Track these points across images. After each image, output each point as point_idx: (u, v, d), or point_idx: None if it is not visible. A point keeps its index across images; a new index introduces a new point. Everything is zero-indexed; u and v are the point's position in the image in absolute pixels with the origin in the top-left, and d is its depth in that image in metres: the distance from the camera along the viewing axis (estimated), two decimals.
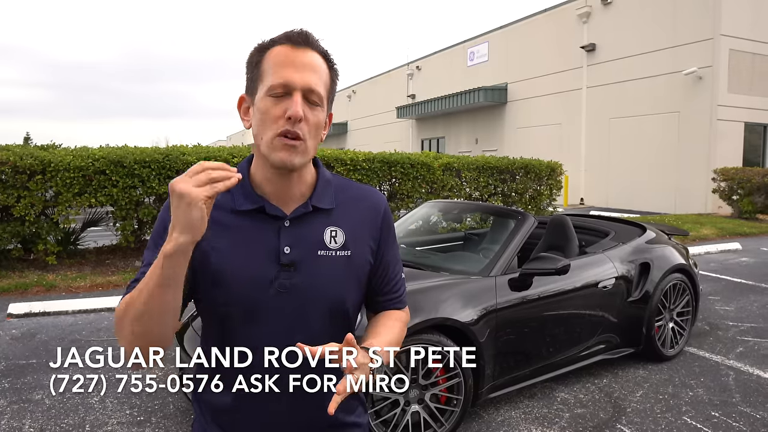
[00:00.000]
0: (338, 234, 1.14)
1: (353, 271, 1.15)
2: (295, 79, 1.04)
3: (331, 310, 1.13)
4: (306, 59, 1.06)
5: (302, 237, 1.11)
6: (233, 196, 1.11)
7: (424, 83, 29.93)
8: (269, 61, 1.06)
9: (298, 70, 1.05)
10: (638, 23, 17.71)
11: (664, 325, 4.28)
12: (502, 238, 3.76)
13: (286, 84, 1.04)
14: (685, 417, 3.34)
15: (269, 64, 1.06)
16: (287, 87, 1.04)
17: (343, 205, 1.18)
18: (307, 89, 1.05)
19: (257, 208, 1.11)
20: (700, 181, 15.85)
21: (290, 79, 1.04)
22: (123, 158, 6.80)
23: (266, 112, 1.05)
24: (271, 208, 1.11)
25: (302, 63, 1.05)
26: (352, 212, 1.18)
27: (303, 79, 1.04)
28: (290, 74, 1.04)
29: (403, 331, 1.25)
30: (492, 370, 3.19)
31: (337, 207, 1.16)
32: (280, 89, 1.04)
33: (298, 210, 1.12)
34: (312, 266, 1.11)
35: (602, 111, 19.07)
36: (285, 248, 1.09)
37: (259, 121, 1.07)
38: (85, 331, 4.77)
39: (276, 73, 1.05)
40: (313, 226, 1.13)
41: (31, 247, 6.82)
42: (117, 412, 3.26)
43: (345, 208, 1.18)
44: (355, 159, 8.39)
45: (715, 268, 8.07)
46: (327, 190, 1.17)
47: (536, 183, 10.84)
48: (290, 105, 1.03)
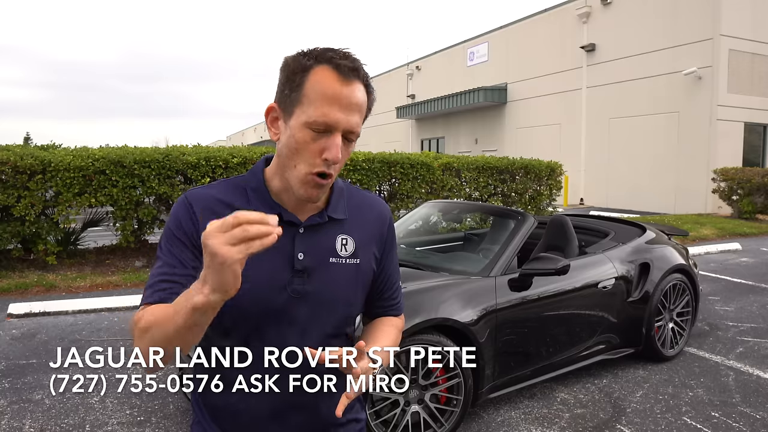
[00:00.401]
0: (348, 242, 1.15)
1: (361, 279, 1.17)
2: (339, 120, 1.01)
3: (341, 316, 1.15)
4: (353, 98, 1.02)
5: (315, 244, 1.12)
6: (249, 199, 1.11)
7: (424, 83, 29.93)
8: (314, 87, 1.01)
9: (343, 109, 1.01)
10: (638, 23, 17.72)
11: (664, 325, 4.28)
12: (501, 238, 3.76)
13: (330, 124, 1.01)
14: (685, 417, 3.34)
15: (314, 92, 1.01)
16: (330, 127, 1.01)
17: (352, 213, 1.19)
18: (349, 131, 1.03)
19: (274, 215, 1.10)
20: (700, 182, 15.85)
21: (335, 119, 1.01)
22: (123, 158, 6.80)
23: (304, 144, 1.02)
24: (287, 215, 1.10)
25: (348, 102, 1.01)
26: (361, 221, 1.19)
27: (348, 121, 1.02)
28: (335, 114, 1.01)
29: (398, 337, 1.28)
30: (492, 370, 3.19)
31: (348, 216, 1.18)
32: (323, 127, 1.01)
33: (314, 219, 1.13)
34: (324, 273, 1.12)
35: (602, 111, 19.07)
36: (299, 254, 1.10)
37: (293, 150, 1.04)
38: (85, 331, 4.77)
39: (320, 108, 1.00)
40: (326, 233, 1.14)
41: (31, 247, 6.82)
42: (117, 412, 3.26)
43: (354, 216, 1.19)
44: (354, 159, 8.40)
45: (715, 268, 8.07)
46: (341, 200, 1.17)
47: (536, 183, 10.83)
48: (330, 146, 1.01)
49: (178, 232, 1.07)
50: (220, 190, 1.12)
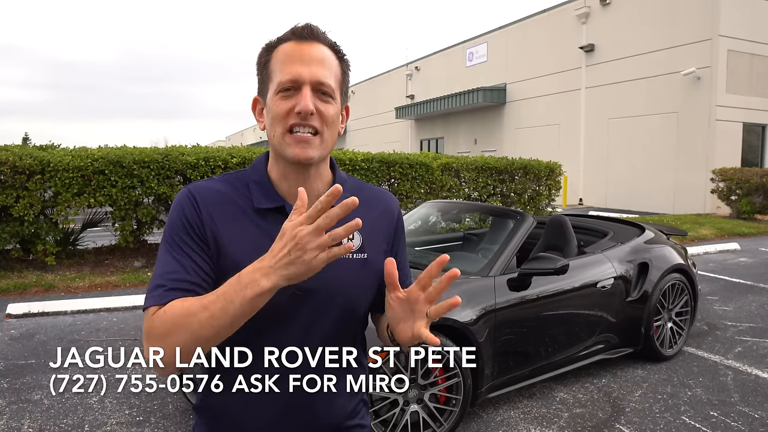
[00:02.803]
0: (355, 236, 1.13)
1: (369, 274, 1.14)
2: (303, 73, 1.02)
3: (347, 313, 1.12)
4: (313, 52, 1.04)
5: None
6: (252, 193, 1.10)
7: (423, 84, 29.93)
8: (277, 59, 1.06)
9: (305, 63, 1.03)
10: (637, 24, 17.73)
11: (663, 324, 4.28)
12: (500, 238, 3.76)
13: (295, 79, 1.02)
14: (684, 417, 3.35)
15: (277, 62, 1.05)
16: (296, 82, 1.03)
17: (359, 207, 1.16)
18: (317, 82, 1.03)
19: (277, 207, 1.09)
20: (699, 182, 15.87)
21: (298, 73, 1.02)
22: (122, 158, 6.79)
23: (277, 110, 1.04)
24: (290, 208, 1.08)
25: (310, 57, 1.04)
26: (368, 215, 1.15)
27: (311, 72, 1.03)
28: (298, 69, 1.03)
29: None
30: (491, 370, 3.20)
31: (354, 209, 1.16)
32: (289, 85, 1.03)
33: None
34: (329, 268, 1.07)
35: (601, 111, 19.08)
36: None
37: (270, 120, 1.06)
38: (84, 332, 4.77)
39: (284, 70, 1.03)
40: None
41: (30, 247, 6.81)
42: (116, 412, 3.26)
43: (361, 210, 1.14)
44: (354, 159, 8.40)
45: (714, 268, 8.08)
46: (345, 193, 1.13)
47: (535, 183, 10.84)
48: (299, 100, 1.02)
49: (185, 225, 1.05)
50: (222, 184, 1.12)
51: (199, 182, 1.12)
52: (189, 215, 1.05)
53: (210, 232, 1.05)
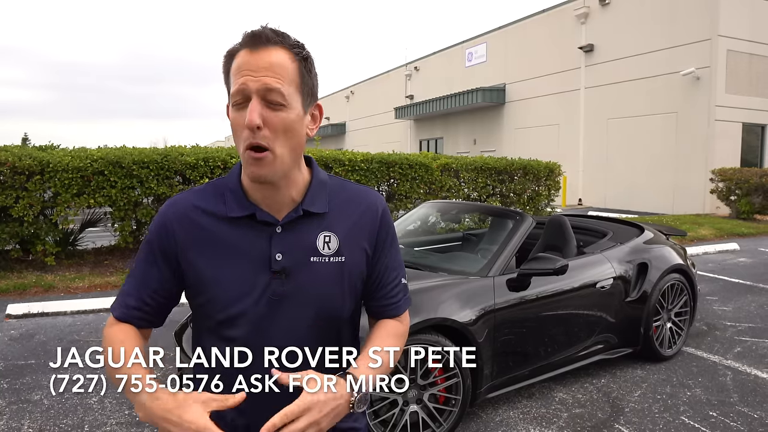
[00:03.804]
0: (332, 239, 1.11)
1: (347, 277, 1.13)
2: (248, 83, 0.99)
3: (325, 318, 1.12)
4: (261, 61, 1.00)
5: (294, 243, 1.09)
6: (225, 202, 1.11)
7: (423, 84, 29.93)
8: (232, 68, 1.03)
9: (252, 72, 1.00)
10: (636, 24, 17.74)
11: (662, 325, 4.29)
12: (500, 238, 3.76)
13: (241, 91, 1.00)
14: (683, 417, 3.35)
15: (232, 73, 1.03)
16: (243, 94, 1.00)
17: (338, 208, 1.14)
18: (264, 90, 0.99)
19: (249, 215, 1.09)
20: (698, 182, 15.88)
21: (243, 84, 1.00)
22: (121, 159, 6.79)
23: (234, 125, 1.04)
24: (262, 215, 1.09)
25: (257, 65, 1.00)
26: (348, 215, 1.14)
27: (258, 81, 0.99)
28: (245, 79, 1.00)
29: (399, 343, 1.19)
30: (490, 370, 3.20)
31: (332, 210, 1.13)
32: (238, 96, 1.01)
33: (290, 215, 1.10)
34: (304, 273, 1.09)
35: (600, 111, 19.09)
36: (276, 255, 1.08)
37: (234, 135, 1.05)
38: (83, 332, 4.77)
39: (235, 81, 1.01)
40: (306, 231, 1.11)
41: (29, 247, 6.81)
42: (116, 412, 3.26)
43: (340, 211, 1.14)
44: (353, 159, 8.40)
45: (713, 268, 8.09)
46: (321, 193, 1.14)
47: (534, 183, 10.85)
48: (247, 113, 0.99)
49: (154, 246, 1.13)
50: (199, 196, 1.14)
51: (178, 195, 1.16)
52: (161, 237, 1.12)
53: (181, 251, 1.11)
